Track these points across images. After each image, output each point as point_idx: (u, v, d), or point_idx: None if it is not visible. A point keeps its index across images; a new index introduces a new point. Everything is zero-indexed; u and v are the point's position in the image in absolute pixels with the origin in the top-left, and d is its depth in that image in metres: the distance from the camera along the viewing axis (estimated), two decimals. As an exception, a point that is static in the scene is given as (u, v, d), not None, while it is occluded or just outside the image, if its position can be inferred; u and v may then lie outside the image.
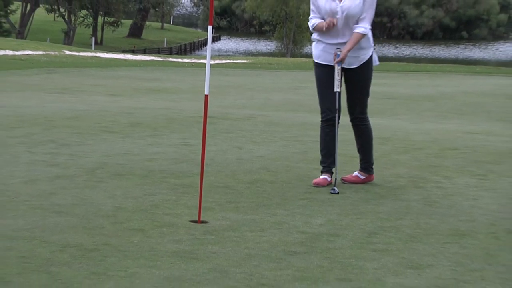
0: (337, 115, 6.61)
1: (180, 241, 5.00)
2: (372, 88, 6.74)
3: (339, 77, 6.46)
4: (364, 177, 6.77)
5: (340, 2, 6.41)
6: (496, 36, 72.29)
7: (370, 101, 6.79)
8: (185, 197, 6.07)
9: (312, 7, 6.54)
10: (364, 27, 6.47)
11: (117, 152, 7.85)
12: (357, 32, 6.45)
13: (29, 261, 4.53)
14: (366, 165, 6.76)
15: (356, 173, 6.77)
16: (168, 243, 4.95)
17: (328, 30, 6.39)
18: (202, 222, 5.42)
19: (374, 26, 6.72)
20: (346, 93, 6.66)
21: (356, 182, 6.71)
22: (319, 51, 6.65)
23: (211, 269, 4.49)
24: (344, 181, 6.71)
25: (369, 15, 6.50)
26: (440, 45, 65.67)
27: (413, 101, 14.99)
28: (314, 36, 6.66)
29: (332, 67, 6.53)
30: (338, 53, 6.40)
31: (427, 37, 69.83)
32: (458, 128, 11.05)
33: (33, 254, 4.65)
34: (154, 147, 8.22)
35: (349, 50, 6.39)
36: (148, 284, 4.22)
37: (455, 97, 16.03)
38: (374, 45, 6.79)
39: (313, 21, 6.53)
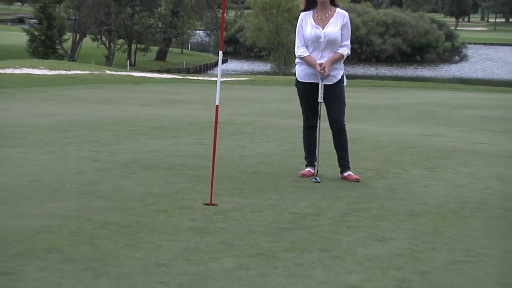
0: (318, 120, 6.60)
1: (196, 219, 5.01)
2: (346, 100, 6.72)
3: (322, 90, 6.43)
4: (350, 173, 6.57)
5: (323, 29, 6.39)
6: (442, 59, 72.19)
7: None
8: (199, 185, 6.07)
9: (298, 34, 6.49)
10: (347, 51, 6.46)
11: (146, 150, 7.85)
12: (339, 53, 6.43)
13: (77, 235, 4.54)
14: (347, 164, 6.61)
15: (349, 173, 6.54)
16: (186, 221, 4.96)
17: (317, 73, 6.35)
18: (213, 204, 5.42)
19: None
20: (329, 108, 6.55)
21: (350, 179, 6.51)
22: (301, 71, 6.59)
23: (220, 242, 4.49)
24: (344, 178, 6.53)
25: (348, 43, 6.50)
26: (399, 66, 65.61)
27: (378, 110, 14.99)
28: (298, 60, 6.63)
29: (313, 84, 6.49)
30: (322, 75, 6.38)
31: (388, 60, 69.72)
32: (414, 131, 11.05)
33: (81, 230, 4.66)
34: (175, 146, 8.22)
35: (331, 65, 6.35)
36: (170, 254, 4.22)
37: (411, 106, 16.04)
38: (347, 66, 6.79)
39: (302, 51, 6.44)
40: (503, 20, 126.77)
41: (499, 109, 15.89)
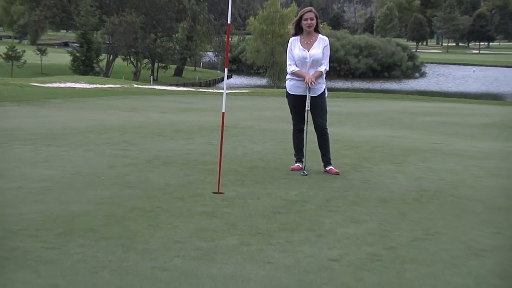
0: (305, 125, 6.59)
1: (206, 205, 5.00)
2: (328, 108, 6.71)
3: (309, 101, 6.44)
4: (332, 168, 6.57)
5: (308, 51, 6.39)
6: (405, 75, 72.06)
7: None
8: (209, 177, 6.06)
9: (289, 55, 6.51)
10: (325, 68, 6.46)
11: (166, 149, 7.84)
12: (320, 70, 6.44)
13: (110, 218, 4.53)
14: (329, 160, 6.63)
15: (330, 167, 6.54)
16: (199, 206, 4.95)
17: (306, 83, 6.34)
18: (220, 193, 5.41)
19: (329, 69, 6.66)
20: (314, 115, 6.53)
21: (331, 172, 6.50)
22: (291, 85, 6.57)
23: (225, 223, 4.49)
24: (326, 172, 6.52)
25: (327, 61, 6.50)
26: (370, 81, 65.55)
27: (354, 116, 14.96)
28: (288, 75, 6.62)
29: (300, 96, 6.49)
30: (309, 86, 6.38)
31: (362, 76, 69.55)
32: (382, 133, 11.04)
33: (113, 213, 4.66)
34: (189, 146, 8.20)
35: (316, 78, 6.35)
36: (185, 233, 4.22)
37: (380, 113, 16.01)
38: (329, 81, 6.79)
39: (292, 68, 6.45)
40: (454, 44, 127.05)
41: (450, 116, 15.88)
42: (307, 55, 6.39)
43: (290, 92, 6.62)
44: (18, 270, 3.46)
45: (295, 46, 6.45)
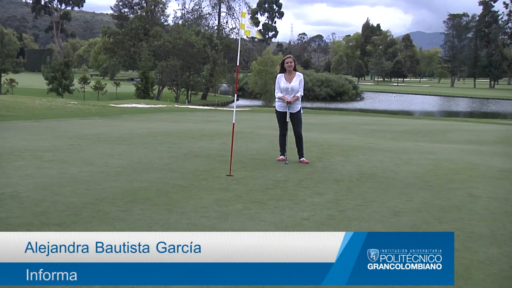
0: (287, 131, 6.58)
1: (222, 183, 4.98)
2: (303, 120, 6.68)
3: (289, 115, 6.44)
4: (304, 159, 6.57)
5: (290, 83, 6.39)
6: (351, 99, 71.91)
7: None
8: (224, 165, 6.03)
9: (277, 86, 6.50)
10: (300, 94, 6.43)
11: (196, 146, 7.80)
12: (297, 96, 6.42)
13: (160, 191, 4.51)
14: (302, 154, 6.61)
15: (303, 159, 6.54)
16: (217, 184, 4.93)
17: (286, 102, 6.34)
18: (231, 175, 5.39)
19: (303, 95, 6.65)
20: (293, 124, 6.53)
21: (303, 162, 6.50)
22: (278, 105, 6.56)
23: (235, 195, 4.47)
24: (300, 162, 6.54)
25: (301, 90, 6.46)
26: (328, 102, 65.48)
27: (317, 126, 14.90)
28: (276, 99, 6.61)
29: (284, 112, 6.49)
30: (289, 105, 6.39)
31: (323, 99, 69.36)
32: (336, 136, 11.00)
33: (161, 188, 4.63)
34: (211, 145, 8.17)
35: (294, 101, 6.36)
36: (208, 201, 4.20)
37: (335, 124, 15.95)
38: (303, 102, 6.75)
39: (278, 94, 6.45)
40: (381, 79, 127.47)
41: (379, 125, 15.84)
42: (289, 86, 6.40)
43: (277, 109, 6.61)
44: (101, 225, 3.45)
45: (281, 80, 6.45)
